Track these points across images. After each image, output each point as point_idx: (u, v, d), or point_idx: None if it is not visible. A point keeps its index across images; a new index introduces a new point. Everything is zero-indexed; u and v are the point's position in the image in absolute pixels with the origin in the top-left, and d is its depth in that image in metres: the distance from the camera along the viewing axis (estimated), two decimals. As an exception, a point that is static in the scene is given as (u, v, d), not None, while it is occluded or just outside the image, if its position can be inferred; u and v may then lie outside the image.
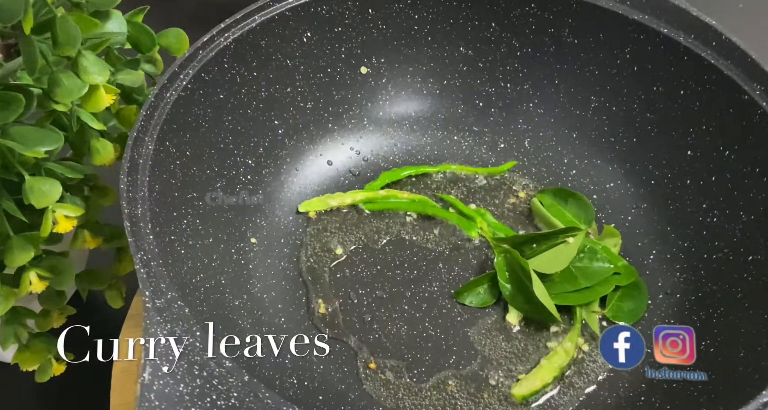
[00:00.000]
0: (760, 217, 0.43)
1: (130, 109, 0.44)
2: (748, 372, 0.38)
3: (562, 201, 0.51)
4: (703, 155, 0.47)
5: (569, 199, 0.50)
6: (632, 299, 0.46)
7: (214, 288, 0.43)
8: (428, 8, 0.51)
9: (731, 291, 0.43)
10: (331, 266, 0.49)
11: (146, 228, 0.37)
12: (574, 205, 0.50)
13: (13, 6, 0.33)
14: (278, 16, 0.47)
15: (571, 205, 0.50)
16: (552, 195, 0.51)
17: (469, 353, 0.45)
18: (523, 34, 0.51)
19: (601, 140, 0.52)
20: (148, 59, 0.45)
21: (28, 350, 0.41)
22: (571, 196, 0.50)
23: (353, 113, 0.54)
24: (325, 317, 0.46)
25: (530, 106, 0.54)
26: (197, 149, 0.44)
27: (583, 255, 0.46)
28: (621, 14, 0.47)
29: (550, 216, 0.49)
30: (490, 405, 0.43)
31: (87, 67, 0.36)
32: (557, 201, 0.51)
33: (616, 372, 0.44)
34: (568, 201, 0.50)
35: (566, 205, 0.50)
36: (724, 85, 0.44)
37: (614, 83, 0.50)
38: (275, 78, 0.49)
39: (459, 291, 0.47)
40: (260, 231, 0.49)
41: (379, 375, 0.44)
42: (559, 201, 0.51)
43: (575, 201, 0.50)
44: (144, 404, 0.33)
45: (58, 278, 0.39)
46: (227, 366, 0.33)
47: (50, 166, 0.38)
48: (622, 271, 0.46)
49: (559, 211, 0.50)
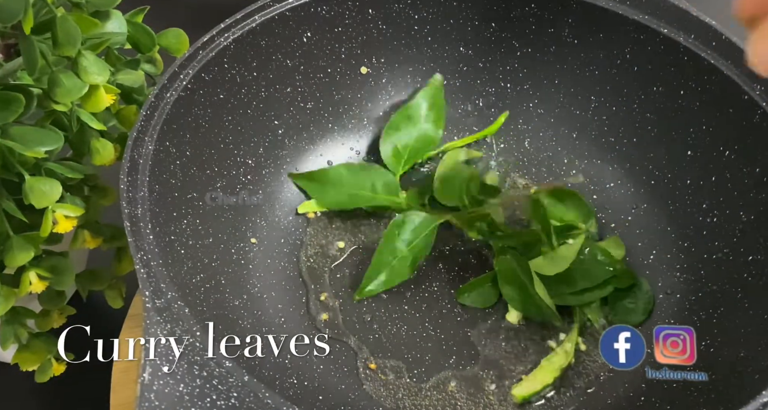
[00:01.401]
0: (760, 217, 0.43)
1: (130, 109, 0.44)
2: (748, 372, 0.38)
3: (557, 201, 0.50)
4: (703, 155, 0.47)
5: (565, 198, 0.50)
6: (635, 300, 0.46)
7: (214, 288, 0.43)
8: (428, 8, 0.51)
9: (731, 291, 0.43)
10: (331, 266, 0.49)
11: (146, 228, 0.37)
12: (570, 205, 0.49)
13: (13, 6, 0.33)
14: (278, 16, 0.47)
15: (567, 204, 0.49)
16: (547, 194, 0.50)
17: (469, 353, 0.45)
18: (523, 34, 0.51)
19: (601, 140, 0.52)
20: (148, 59, 0.45)
21: (28, 350, 0.41)
22: (566, 196, 0.50)
23: (353, 113, 0.54)
24: (326, 318, 0.46)
25: (530, 106, 0.54)
26: (197, 149, 0.44)
27: (584, 256, 0.46)
28: (621, 14, 0.47)
29: (545, 217, 0.49)
30: (490, 405, 0.43)
31: (87, 67, 0.36)
32: (553, 200, 0.50)
33: (616, 372, 0.44)
34: (564, 200, 0.50)
35: (562, 204, 0.50)
36: (724, 85, 0.44)
37: (614, 83, 0.50)
38: (275, 78, 0.49)
39: (459, 292, 0.47)
40: (260, 231, 0.49)
41: (379, 375, 0.44)
42: (554, 201, 0.50)
43: (571, 200, 0.49)
44: (144, 404, 0.33)
45: (58, 278, 0.39)
46: (227, 366, 0.33)
47: (50, 166, 0.38)
48: (622, 274, 0.46)
49: (554, 211, 0.49)
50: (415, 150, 0.52)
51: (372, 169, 0.50)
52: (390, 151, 0.51)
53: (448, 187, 0.49)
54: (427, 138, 0.52)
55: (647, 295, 0.46)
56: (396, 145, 0.51)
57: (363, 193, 0.49)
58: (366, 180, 0.49)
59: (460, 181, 0.49)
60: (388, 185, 0.49)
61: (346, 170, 0.50)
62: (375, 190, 0.49)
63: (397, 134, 0.51)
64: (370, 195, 0.49)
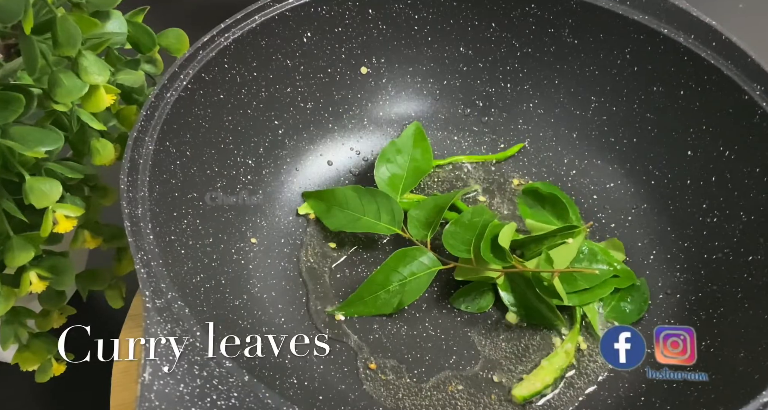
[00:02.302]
0: (760, 217, 0.43)
1: (130, 109, 0.44)
2: (748, 372, 0.38)
3: (538, 204, 0.50)
4: (703, 155, 0.47)
5: (545, 202, 0.49)
6: (632, 300, 0.46)
7: (214, 288, 0.43)
8: (428, 8, 0.51)
9: (731, 291, 0.43)
10: (332, 266, 0.49)
11: (146, 228, 0.37)
12: (550, 208, 0.49)
13: (13, 6, 0.33)
14: (278, 16, 0.47)
15: (547, 208, 0.49)
16: (529, 198, 0.50)
17: (469, 353, 0.45)
18: (523, 34, 0.51)
19: (601, 140, 0.52)
20: (148, 59, 0.45)
21: (28, 350, 0.41)
22: (547, 199, 0.49)
23: (353, 113, 0.54)
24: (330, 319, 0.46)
25: (530, 106, 0.54)
26: (197, 149, 0.44)
27: (583, 256, 0.46)
28: (621, 14, 0.47)
29: (533, 222, 0.48)
30: (490, 405, 0.43)
31: (87, 67, 0.36)
32: (534, 204, 0.50)
33: (616, 372, 0.44)
34: (545, 205, 0.49)
35: (543, 208, 0.49)
36: (724, 85, 0.44)
37: (614, 83, 0.50)
38: (275, 78, 0.49)
39: (454, 297, 0.47)
40: (260, 231, 0.49)
41: (379, 375, 0.44)
42: (535, 204, 0.50)
43: (551, 203, 0.49)
44: (144, 404, 0.33)
45: (58, 278, 0.39)
46: (227, 366, 0.33)
47: (50, 166, 0.38)
48: (621, 274, 0.46)
49: (537, 214, 0.49)
50: (409, 179, 0.51)
51: (379, 195, 0.49)
52: (385, 180, 0.51)
53: (457, 236, 0.46)
54: (418, 170, 0.52)
55: (644, 296, 0.46)
56: (390, 174, 0.51)
57: (366, 218, 0.48)
58: (371, 205, 0.49)
59: (471, 233, 0.46)
60: (393, 214, 0.48)
61: (354, 192, 0.49)
62: (379, 217, 0.48)
63: (389, 164, 0.51)
64: (372, 221, 0.48)
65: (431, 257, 0.46)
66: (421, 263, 0.46)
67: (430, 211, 0.48)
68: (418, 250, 0.46)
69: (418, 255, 0.46)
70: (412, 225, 0.48)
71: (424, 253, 0.46)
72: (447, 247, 0.46)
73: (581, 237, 0.46)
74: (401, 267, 0.46)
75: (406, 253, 0.46)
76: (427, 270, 0.46)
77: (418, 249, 0.47)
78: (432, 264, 0.46)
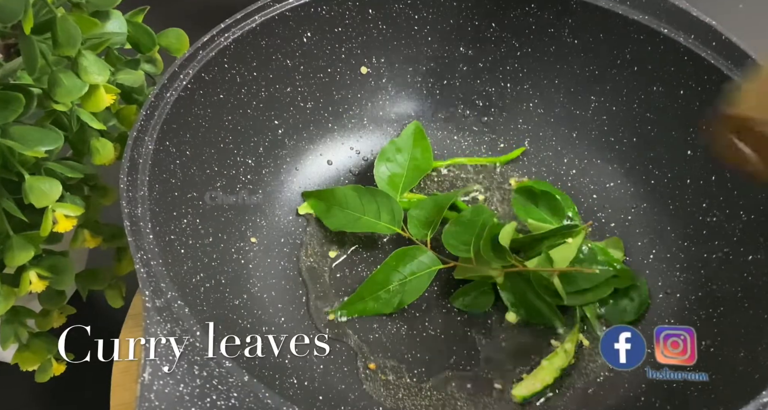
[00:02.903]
0: (760, 217, 0.43)
1: (130, 108, 0.44)
2: (748, 372, 0.38)
3: (531, 202, 0.50)
4: (703, 155, 0.47)
5: (538, 200, 0.49)
6: (632, 300, 0.46)
7: (214, 288, 0.43)
8: (428, 8, 0.51)
9: (731, 291, 0.43)
10: (332, 266, 0.49)
11: (146, 228, 0.37)
12: (544, 205, 0.49)
13: (13, 6, 0.33)
14: (278, 16, 0.47)
15: (541, 206, 0.49)
16: (522, 197, 0.50)
17: (469, 353, 0.45)
18: (523, 34, 0.51)
19: (601, 140, 0.52)
20: (148, 59, 0.45)
21: (28, 350, 0.41)
22: (540, 197, 0.49)
23: (353, 113, 0.54)
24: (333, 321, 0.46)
25: (530, 106, 0.54)
26: (197, 149, 0.44)
27: (583, 256, 0.46)
28: (621, 14, 0.47)
29: (534, 221, 0.48)
30: (489, 405, 0.43)
31: (87, 67, 0.36)
32: (527, 202, 0.50)
33: (616, 372, 0.44)
34: (538, 203, 0.49)
35: (537, 206, 0.49)
36: (724, 84, 0.44)
37: (614, 83, 0.50)
38: (275, 78, 0.49)
39: (454, 296, 0.47)
40: (260, 231, 0.49)
41: (379, 375, 0.44)
42: (528, 202, 0.50)
43: (545, 200, 0.49)
44: (144, 404, 0.33)
45: (58, 278, 0.39)
46: (227, 366, 0.33)
47: (50, 165, 0.38)
48: (621, 274, 0.46)
49: (532, 212, 0.49)
50: (408, 178, 0.51)
51: (379, 194, 0.49)
52: (385, 179, 0.51)
53: (457, 235, 0.46)
54: (417, 169, 0.52)
55: (643, 296, 0.46)
56: (390, 173, 0.51)
57: (366, 218, 0.48)
58: (371, 204, 0.49)
59: (471, 232, 0.46)
60: (393, 213, 0.48)
61: (354, 192, 0.49)
62: (379, 217, 0.48)
63: (389, 163, 0.51)
64: (372, 221, 0.48)
65: (431, 256, 0.47)
66: (421, 262, 0.46)
67: (430, 211, 0.48)
68: (418, 250, 0.47)
69: (418, 255, 0.46)
70: (412, 224, 0.48)
71: (424, 253, 0.47)
72: (447, 247, 0.46)
73: (581, 236, 0.46)
74: (401, 266, 0.46)
75: (406, 253, 0.46)
76: (427, 270, 0.46)
77: (418, 248, 0.47)
78: (432, 263, 0.46)
